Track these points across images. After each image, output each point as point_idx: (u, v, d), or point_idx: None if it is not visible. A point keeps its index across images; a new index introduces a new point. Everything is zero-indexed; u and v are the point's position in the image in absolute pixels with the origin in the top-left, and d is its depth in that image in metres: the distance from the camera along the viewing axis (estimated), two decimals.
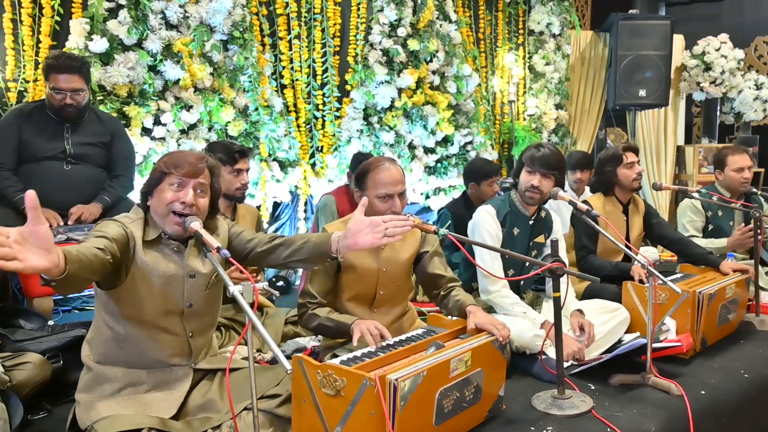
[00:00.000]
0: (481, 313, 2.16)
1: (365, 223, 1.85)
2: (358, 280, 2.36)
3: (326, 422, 1.71)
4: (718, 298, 2.79)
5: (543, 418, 2.08)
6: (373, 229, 1.84)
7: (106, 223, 1.82)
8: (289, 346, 2.73)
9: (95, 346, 1.91)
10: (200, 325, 1.98)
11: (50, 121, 2.99)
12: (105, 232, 1.76)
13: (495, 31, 6.20)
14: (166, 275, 1.86)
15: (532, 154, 2.71)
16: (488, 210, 2.78)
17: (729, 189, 3.67)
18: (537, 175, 2.69)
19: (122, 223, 1.84)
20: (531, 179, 2.70)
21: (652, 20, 6.04)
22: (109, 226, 1.81)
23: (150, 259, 1.85)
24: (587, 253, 3.16)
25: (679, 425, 2.10)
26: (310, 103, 4.85)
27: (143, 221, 1.89)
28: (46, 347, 2.29)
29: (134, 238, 1.83)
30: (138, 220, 1.89)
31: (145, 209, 1.91)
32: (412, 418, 1.68)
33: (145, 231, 1.88)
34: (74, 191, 3.02)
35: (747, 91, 6.49)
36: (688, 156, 6.59)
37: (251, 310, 1.52)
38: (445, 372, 1.79)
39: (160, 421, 1.76)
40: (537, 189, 2.69)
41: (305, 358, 1.76)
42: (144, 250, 1.85)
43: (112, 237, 1.75)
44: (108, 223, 1.83)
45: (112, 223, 1.83)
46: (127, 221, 1.86)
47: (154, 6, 3.78)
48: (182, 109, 3.88)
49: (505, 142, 6.26)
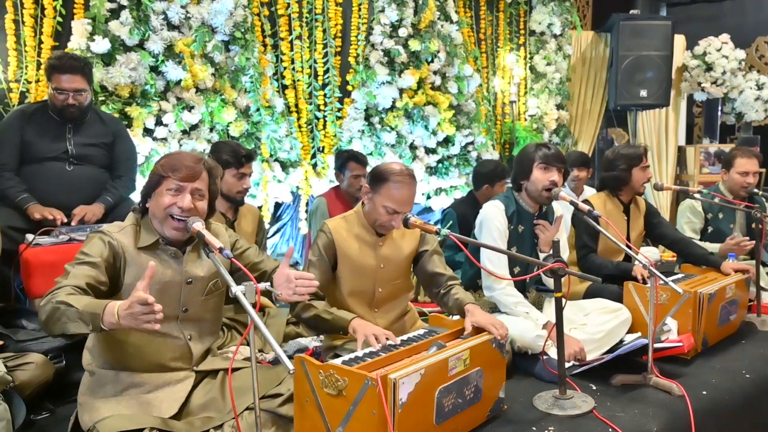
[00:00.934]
0: (479, 312, 2.17)
1: (284, 277, 1.84)
2: (355, 275, 2.36)
3: (328, 422, 1.72)
4: (718, 298, 2.79)
5: (544, 418, 2.08)
6: (287, 285, 1.82)
7: (90, 243, 1.82)
8: (291, 347, 2.73)
9: (96, 354, 1.91)
10: (198, 329, 1.98)
11: (52, 121, 2.99)
12: (90, 257, 1.77)
13: (496, 32, 6.20)
14: (162, 281, 1.86)
15: (544, 153, 2.72)
16: (497, 205, 2.79)
17: (731, 191, 3.67)
18: (553, 170, 2.70)
19: (109, 234, 1.83)
20: (549, 176, 2.70)
21: (653, 20, 6.04)
22: (94, 246, 1.81)
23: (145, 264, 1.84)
24: (588, 252, 3.16)
25: (681, 425, 2.10)
26: (312, 103, 4.86)
27: (135, 228, 1.89)
28: (49, 347, 2.30)
29: (122, 250, 1.83)
30: (129, 227, 1.88)
31: (144, 211, 1.91)
32: (412, 417, 1.69)
33: (138, 237, 1.87)
34: (76, 192, 3.02)
35: (748, 92, 6.49)
36: (689, 156, 6.59)
37: (254, 311, 1.53)
38: (444, 370, 1.80)
39: (161, 421, 1.77)
40: (556, 184, 2.70)
41: (307, 358, 1.77)
42: (138, 257, 1.85)
43: (97, 263, 1.77)
44: (92, 241, 1.82)
45: (97, 241, 1.82)
46: (114, 230, 1.86)
47: (155, 7, 3.79)
48: (184, 110, 3.89)
49: (507, 142, 6.27)
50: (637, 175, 3.24)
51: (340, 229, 2.38)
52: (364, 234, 2.39)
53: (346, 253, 2.34)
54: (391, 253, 2.42)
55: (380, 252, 2.39)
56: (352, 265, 2.35)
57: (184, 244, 1.92)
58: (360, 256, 2.36)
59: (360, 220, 2.40)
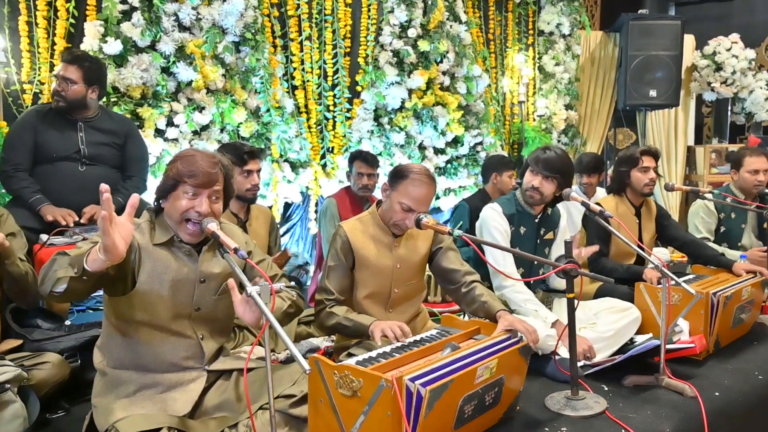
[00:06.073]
0: (511, 317, 2.15)
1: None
2: (373, 277, 2.37)
3: (343, 423, 1.72)
4: (735, 300, 2.78)
5: (557, 418, 2.09)
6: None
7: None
8: (303, 347, 2.75)
9: (108, 352, 1.92)
10: (211, 328, 1.99)
11: (65, 122, 3.02)
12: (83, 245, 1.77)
13: (505, 32, 6.20)
14: (176, 279, 1.87)
15: (537, 156, 2.75)
16: (494, 207, 2.82)
17: (743, 190, 3.66)
18: (539, 176, 2.73)
19: None
20: (532, 180, 2.75)
21: (663, 20, 6.01)
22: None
23: (161, 261, 1.86)
24: (599, 255, 3.14)
25: (694, 427, 2.10)
26: (321, 104, 4.87)
27: (150, 225, 1.89)
28: (64, 347, 2.32)
29: (138, 245, 1.84)
30: (144, 223, 1.89)
31: (158, 211, 1.92)
32: (433, 423, 1.69)
33: (153, 235, 1.88)
34: (88, 192, 3.03)
35: (758, 91, 6.46)
36: (698, 156, 6.56)
37: (269, 311, 1.53)
38: (471, 379, 1.79)
39: (178, 421, 1.78)
40: (537, 190, 2.74)
41: (322, 358, 1.77)
42: (154, 253, 1.86)
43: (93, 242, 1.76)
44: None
45: None
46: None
47: (167, 8, 3.81)
48: (195, 111, 3.90)
49: (515, 142, 6.26)
50: (637, 176, 3.24)
51: (356, 230, 2.38)
52: (380, 235, 2.39)
53: (362, 254, 2.35)
54: (407, 253, 2.43)
55: (396, 252, 2.40)
56: (369, 266, 2.36)
57: (200, 243, 1.93)
58: (377, 256, 2.37)
59: (375, 220, 2.40)
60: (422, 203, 2.28)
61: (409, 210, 2.27)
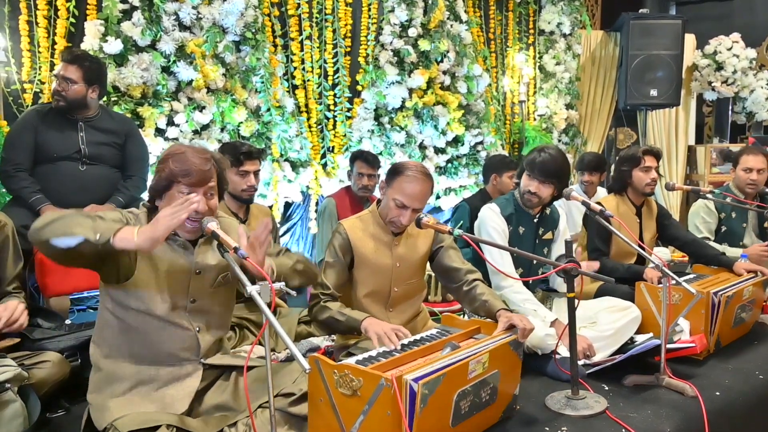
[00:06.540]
0: (509, 314, 2.15)
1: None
2: (373, 275, 2.37)
3: (342, 422, 1.72)
4: (736, 299, 2.78)
5: (557, 418, 2.08)
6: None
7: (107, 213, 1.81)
8: (303, 346, 2.74)
9: (103, 341, 1.91)
10: (207, 321, 1.97)
11: (66, 122, 3.02)
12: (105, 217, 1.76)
13: (505, 31, 6.20)
14: (171, 270, 1.87)
15: (533, 159, 2.74)
16: (492, 208, 2.82)
17: (740, 189, 3.66)
18: (535, 181, 2.72)
19: (125, 216, 1.84)
20: (529, 185, 2.75)
21: (663, 20, 6.01)
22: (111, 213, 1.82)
23: (157, 252, 1.84)
24: (599, 255, 3.14)
25: (694, 426, 2.09)
26: (322, 103, 4.87)
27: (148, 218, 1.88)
28: (65, 346, 2.31)
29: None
30: (142, 214, 1.89)
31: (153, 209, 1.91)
32: (429, 419, 1.68)
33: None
34: (89, 192, 3.04)
35: (759, 91, 6.45)
36: (699, 156, 6.56)
37: (269, 310, 1.53)
38: (464, 374, 1.79)
39: (178, 419, 1.77)
40: (534, 195, 2.74)
41: (322, 357, 1.77)
42: None
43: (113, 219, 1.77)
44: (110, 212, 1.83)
45: (115, 212, 1.84)
46: (131, 216, 1.87)
47: (167, 7, 3.80)
48: (195, 110, 3.90)
49: (516, 142, 6.26)
50: (638, 176, 3.23)
51: (356, 228, 2.38)
52: (380, 233, 2.39)
53: (362, 252, 2.35)
54: (406, 252, 2.43)
55: (396, 251, 2.40)
56: (369, 264, 2.36)
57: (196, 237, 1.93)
58: (376, 255, 2.37)
59: (375, 219, 2.40)
60: (416, 199, 2.28)
61: (403, 206, 2.27)
